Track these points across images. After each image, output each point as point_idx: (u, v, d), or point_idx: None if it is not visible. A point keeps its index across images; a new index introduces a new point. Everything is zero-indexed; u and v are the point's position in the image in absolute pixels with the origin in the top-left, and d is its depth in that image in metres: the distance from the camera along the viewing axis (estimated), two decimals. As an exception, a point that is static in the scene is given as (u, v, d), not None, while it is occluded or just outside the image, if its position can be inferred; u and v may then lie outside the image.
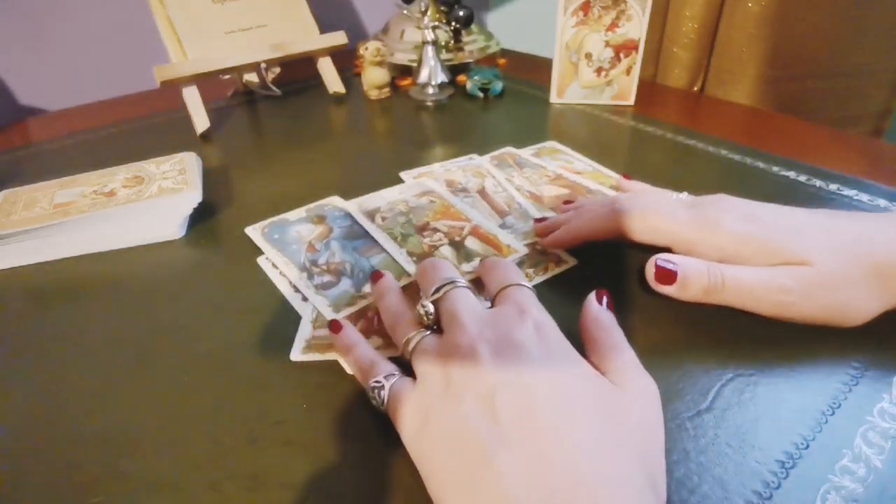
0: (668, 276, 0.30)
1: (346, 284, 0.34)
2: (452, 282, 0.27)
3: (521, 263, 0.35)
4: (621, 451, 0.20)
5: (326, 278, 0.35)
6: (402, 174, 0.46)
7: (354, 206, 0.42)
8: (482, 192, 0.43)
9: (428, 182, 0.44)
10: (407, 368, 0.26)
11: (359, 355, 0.27)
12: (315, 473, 0.23)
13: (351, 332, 0.28)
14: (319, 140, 0.56)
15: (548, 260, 0.35)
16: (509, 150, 0.50)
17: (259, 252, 0.38)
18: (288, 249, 0.37)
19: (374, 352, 0.27)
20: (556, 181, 0.44)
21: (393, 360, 0.27)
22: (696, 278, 0.29)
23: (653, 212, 0.33)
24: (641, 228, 0.33)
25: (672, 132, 0.53)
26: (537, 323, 0.24)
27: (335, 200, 0.43)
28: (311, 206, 0.42)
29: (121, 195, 0.40)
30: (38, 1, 0.66)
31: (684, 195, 0.35)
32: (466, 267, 0.35)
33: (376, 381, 0.25)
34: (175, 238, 0.40)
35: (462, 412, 0.21)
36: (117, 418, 0.26)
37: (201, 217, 0.42)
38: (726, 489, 0.22)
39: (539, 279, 0.34)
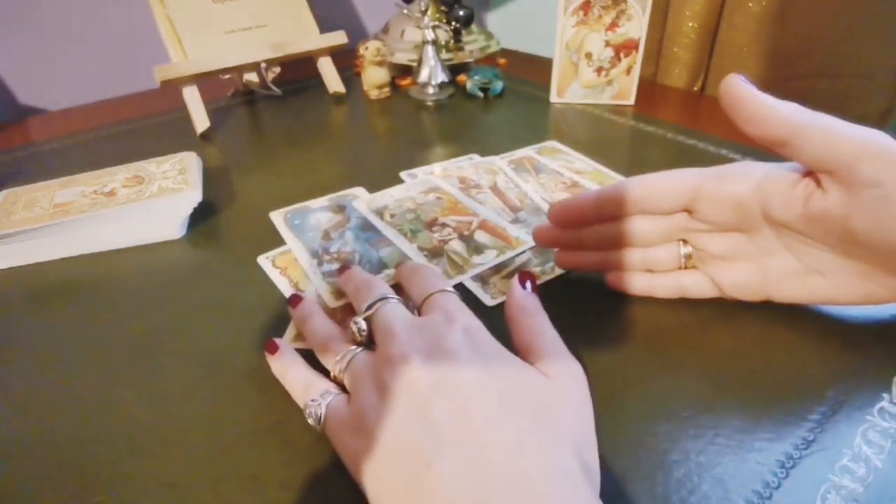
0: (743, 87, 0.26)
1: None
2: (384, 298, 0.27)
3: (528, 262, 0.35)
4: (553, 442, 0.20)
5: (335, 266, 0.35)
6: (404, 173, 0.47)
7: (363, 204, 0.42)
8: (494, 189, 0.43)
9: (434, 179, 0.45)
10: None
11: (294, 376, 0.27)
12: (315, 473, 0.24)
13: (287, 353, 0.28)
14: (319, 140, 0.56)
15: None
16: (528, 153, 0.49)
17: (259, 252, 0.38)
18: (305, 236, 0.39)
19: (311, 371, 0.27)
20: (571, 189, 0.44)
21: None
22: (775, 109, 0.26)
23: (671, 171, 0.29)
24: (661, 184, 0.29)
25: (672, 132, 0.53)
26: (465, 327, 0.24)
27: (357, 191, 0.44)
28: (334, 195, 0.44)
29: (121, 195, 0.40)
30: (39, 1, 0.66)
31: None
32: (476, 259, 0.35)
33: (312, 400, 0.24)
34: (175, 238, 0.40)
35: (398, 422, 0.21)
36: (117, 418, 0.26)
37: (201, 217, 0.42)
38: (726, 489, 0.22)
39: (547, 277, 0.34)
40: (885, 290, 0.26)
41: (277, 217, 0.41)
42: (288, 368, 0.27)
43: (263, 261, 0.37)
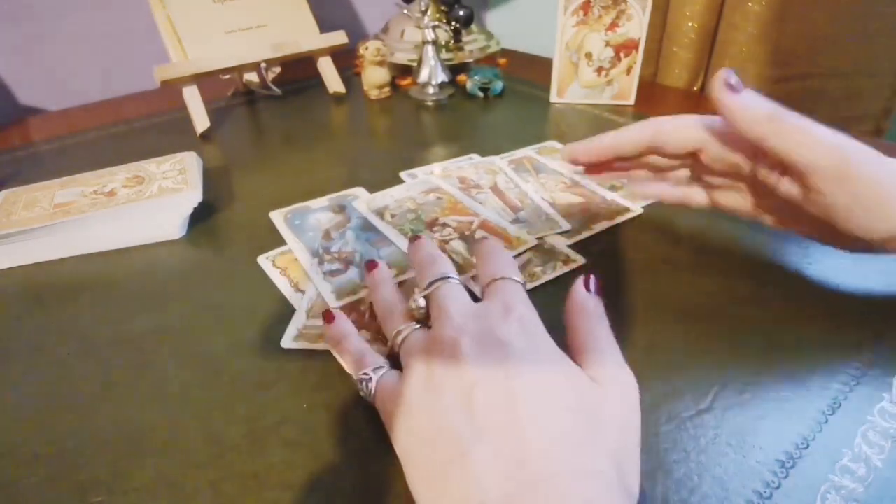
0: (732, 86, 0.29)
1: (352, 273, 0.35)
2: (445, 277, 0.27)
3: (529, 262, 0.35)
4: (594, 447, 0.20)
5: (336, 266, 0.36)
6: (404, 173, 0.47)
7: (363, 204, 0.42)
8: (495, 188, 0.43)
9: (434, 179, 0.45)
10: (398, 363, 0.26)
11: (349, 347, 0.27)
12: (315, 473, 0.24)
13: (343, 323, 0.29)
14: (320, 140, 0.56)
15: (556, 259, 0.35)
16: (528, 153, 0.49)
17: (259, 252, 0.38)
18: (305, 236, 0.39)
19: (365, 344, 0.28)
20: (572, 189, 0.44)
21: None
22: (757, 100, 0.28)
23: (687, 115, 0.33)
24: (676, 122, 0.33)
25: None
26: (522, 319, 0.24)
27: (357, 192, 0.44)
28: (334, 195, 0.44)
29: (121, 195, 0.40)
30: (39, 1, 0.66)
31: None
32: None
33: (364, 374, 0.25)
34: (175, 238, 0.40)
35: (441, 406, 0.21)
36: (117, 418, 0.26)
37: (201, 217, 0.42)
38: (726, 489, 0.22)
39: (547, 278, 0.34)
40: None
41: (277, 217, 0.41)
42: (343, 338, 0.28)
43: (263, 261, 0.37)
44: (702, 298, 0.32)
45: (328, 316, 0.29)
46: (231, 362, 0.29)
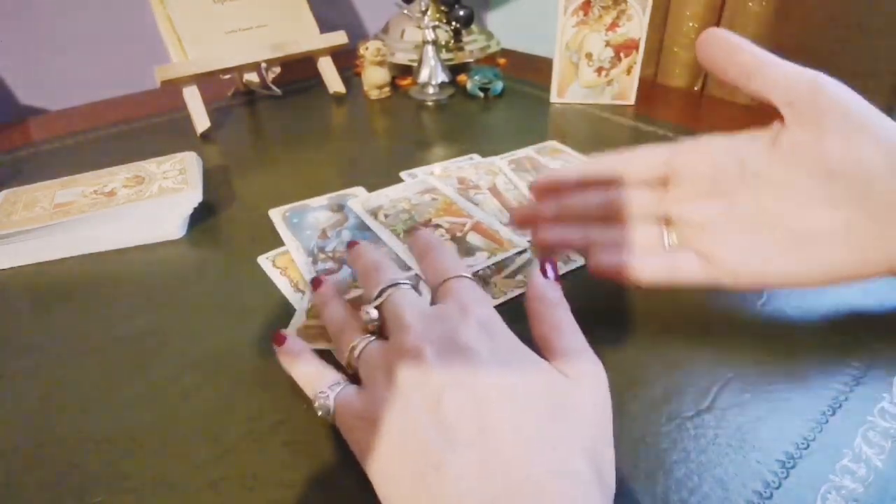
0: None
1: (345, 273, 0.35)
2: (395, 283, 0.26)
3: (530, 262, 0.35)
4: (568, 445, 0.20)
5: (329, 265, 0.36)
6: (404, 174, 0.47)
7: (358, 203, 0.42)
8: (493, 190, 0.43)
9: (431, 180, 0.45)
10: (357, 378, 0.25)
11: (303, 366, 0.26)
12: (315, 473, 0.24)
13: (294, 343, 0.27)
14: (320, 140, 0.56)
15: (555, 258, 0.35)
16: (528, 153, 0.49)
17: (259, 252, 0.38)
18: (302, 234, 0.39)
19: (319, 362, 0.26)
20: None
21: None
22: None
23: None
24: (642, 151, 0.31)
25: (673, 132, 0.53)
26: (482, 319, 0.23)
27: (357, 191, 0.44)
28: (334, 194, 0.44)
29: (121, 195, 0.40)
30: (39, 1, 0.66)
31: None
32: (468, 261, 0.35)
33: (321, 392, 0.24)
34: (175, 238, 0.40)
35: (409, 418, 0.21)
36: (117, 418, 0.26)
37: (201, 217, 0.42)
38: (727, 489, 0.22)
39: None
40: (878, 253, 0.25)
41: (276, 215, 0.42)
42: (296, 360, 0.27)
43: (263, 261, 0.37)
44: (702, 298, 0.32)
45: (278, 338, 0.27)
46: (231, 362, 0.29)
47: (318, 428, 0.25)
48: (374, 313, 0.26)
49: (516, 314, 0.25)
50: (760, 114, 0.28)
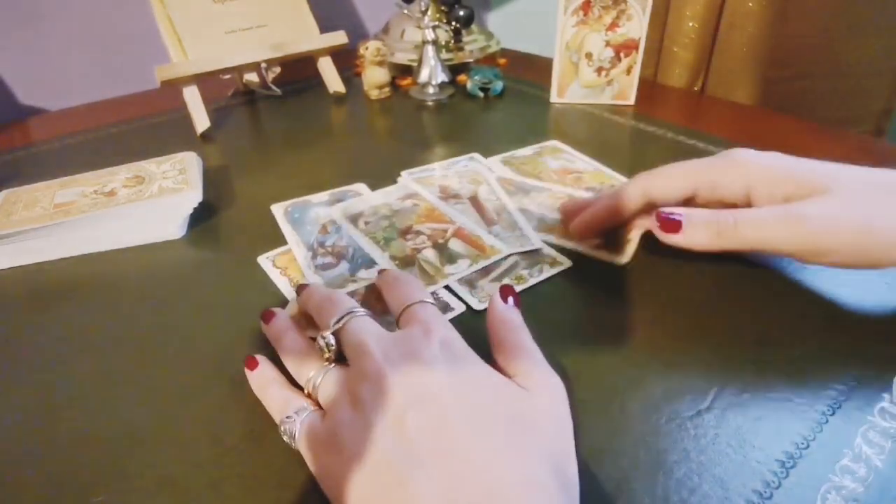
0: (672, 225, 0.30)
1: (343, 268, 0.35)
2: (351, 312, 0.26)
3: (515, 265, 0.35)
4: (531, 456, 0.20)
5: (328, 259, 0.36)
6: (404, 173, 0.46)
7: (338, 211, 0.41)
8: (473, 199, 0.42)
9: (412, 185, 0.44)
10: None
11: (272, 393, 0.26)
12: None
13: (267, 369, 0.27)
14: (320, 140, 0.56)
15: (543, 261, 0.35)
16: (507, 175, 0.46)
17: (259, 252, 0.38)
18: (302, 230, 0.39)
19: (290, 389, 0.26)
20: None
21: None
22: (703, 225, 0.30)
23: (672, 166, 0.33)
24: (664, 184, 0.33)
25: (673, 132, 0.53)
26: (443, 339, 0.24)
27: (358, 188, 0.44)
28: (335, 191, 0.44)
29: (121, 195, 0.40)
30: (39, 1, 0.66)
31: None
32: (449, 269, 0.35)
33: (287, 417, 0.24)
34: (175, 238, 0.40)
35: (373, 438, 0.21)
36: (117, 418, 0.26)
37: (201, 217, 0.42)
38: (726, 489, 0.22)
39: (534, 280, 0.34)
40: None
41: (278, 210, 0.42)
42: (267, 385, 0.26)
43: (264, 261, 0.37)
44: (702, 298, 0.32)
45: (251, 363, 0.27)
46: (231, 362, 0.29)
47: (318, 428, 0.25)
48: (332, 339, 0.26)
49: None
50: (760, 114, 0.28)
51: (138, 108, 0.65)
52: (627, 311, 0.31)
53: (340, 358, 0.26)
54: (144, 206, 0.39)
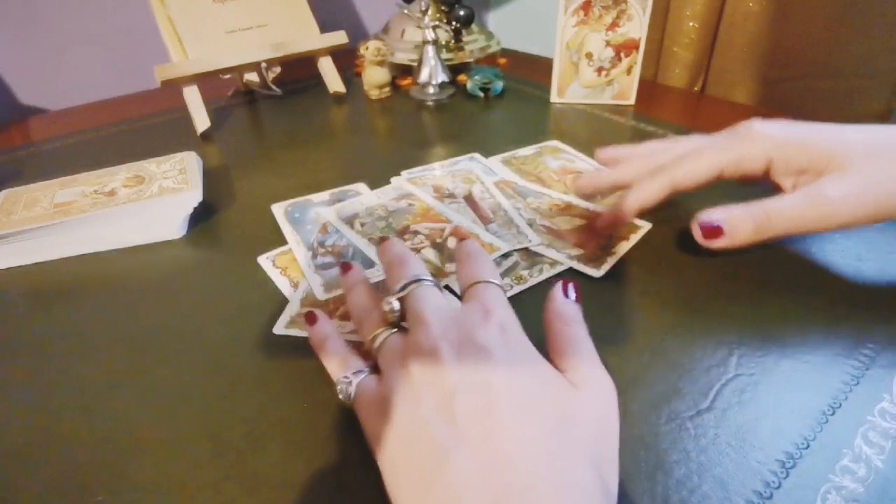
0: (714, 231, 0.31)
1: None
2: (419, 280, 0.26)
3: (516, 265, 0.35)
4: (573, 454, 0.20)
5: (328, 259, 0.36)
6: (405, 173, 0.46)
7: (332, 212, 0.41)
8: (469, 198, 0.42)
9: (407, 186, 0.44)
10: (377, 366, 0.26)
11: (332, 349, 0.27)
12: (315, 473, 0.24)
13: (326, 325, 0.29)
14: (320, 140, 0.56)
15: (543, 261, 0.35)
16: (506, 177, 0.46)
17: (259, 252, 0.38)
18: (302, 229, 0.39)
19: (346, 347, 0.28)
20: (567, 211, 0.41)
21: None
22: (742, 224, 0.31)
23: (694, 152, 0.34)
24: (692, 172, 0.33)
25: (673, 132, 0.53)
26: (502, 323, 0.24)
27: (359, 187, 0.45)
28: (336, 190, 0.44)
29: (121, 195, 0.40)
30: (40, 1, 0.66)
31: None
32: (450, 267, 0.35)
33: (344, 377, 0.25)
34: (175, 238, 0.40)
35: (420, 413, 0.21)
36: (117, 418, 0.26)
37: (201, 217, 0.42)
38: (727, 489, 0.22)
39: (534, 281, 0.34)
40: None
41: (278, 210, 0.42)
42: (325, 341, 0.28)
43: (264, 261, 0.37)
44: (701, 298, 0.32)
45: (311, 317, 0.29)
46: (231, 362, 0.29)
47: (318, 428, 0.25)
48: (396, 305, 0.26)
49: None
50: (760, 114, 0.28)
51: (138, 108, 0.65)
52: (627, 312, 0.31)
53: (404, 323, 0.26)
54: (144, 206, 0.39)
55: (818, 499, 0.22)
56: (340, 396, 0.25)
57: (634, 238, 0.37)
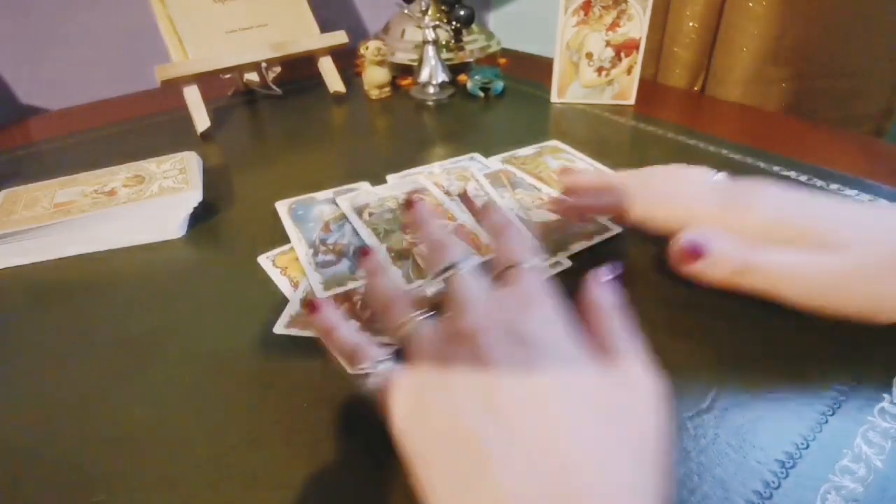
0: (694, 256, 0.29)
1: (344, 265, 0.35)
2: (459, 264, 0.25)
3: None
4: (624, 455, 0.18)
5: (329, 257, 0.36)
6: (405, 173, 0.47)
7: (346, 201, 0.42)
8: (463, 196, 0.43)
9: (421, 180, 0.45)
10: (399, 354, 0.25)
11: (341, 338, 0.25)
12: (315, 473, 0.23)
13: (330, 312, 0.26)
14: (320, 139, 0.56)
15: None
16: (506, 167, 0.47)
17: (260, 251, 0.38)
18: (305, 227, 0.39)
19: (359, 334, 0.25)
20: (546, 206, 0.41)
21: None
22: (723, 257, 0.28)
23: (680, 195, 0.32)
24: (665, 215, 0.32)
25: (673, 132, 0.53)
26: (545, 312, 0.22)
27: (362, 186, 0.45)
28: (340, 188, 0.44)
29: (121, 194, 0.40)
30: (40, 1, 0.66)
31: (720, 176, 0.33)
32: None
33: (367, 366, 0.23)
34: (175, 238, 0.40)
35: (461, 406, 0.20)
36: (118, 418, 0.26)
37: (201, 217, 0.42)
38: (726, 489, 0.22)
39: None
40: None
41: (282, 207, 0.42)
42: (333, 329, 0.25)
43: (264, 260, 0.37)
44: (702, 298, 0.32)
45: (312, 305, 0.26)
46: (231, 362, 0.29)
47: (318, 428, 0.25)
48: (435, 289, 0.25)
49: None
50: (760, 114, 0.28)
51: (138, 108, 0.65)
52: (627, 312, 0.31)
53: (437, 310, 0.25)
54: (144, 205, 0.39)
55: (818, 499, 0.22)
56: (361, 390, 0.23)
57: (598, 239, 0.37)
